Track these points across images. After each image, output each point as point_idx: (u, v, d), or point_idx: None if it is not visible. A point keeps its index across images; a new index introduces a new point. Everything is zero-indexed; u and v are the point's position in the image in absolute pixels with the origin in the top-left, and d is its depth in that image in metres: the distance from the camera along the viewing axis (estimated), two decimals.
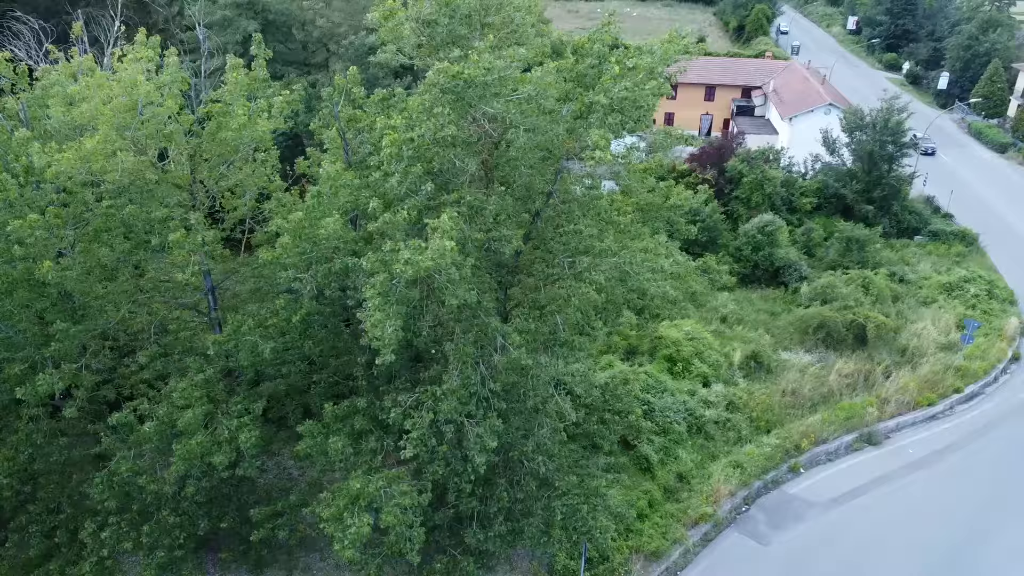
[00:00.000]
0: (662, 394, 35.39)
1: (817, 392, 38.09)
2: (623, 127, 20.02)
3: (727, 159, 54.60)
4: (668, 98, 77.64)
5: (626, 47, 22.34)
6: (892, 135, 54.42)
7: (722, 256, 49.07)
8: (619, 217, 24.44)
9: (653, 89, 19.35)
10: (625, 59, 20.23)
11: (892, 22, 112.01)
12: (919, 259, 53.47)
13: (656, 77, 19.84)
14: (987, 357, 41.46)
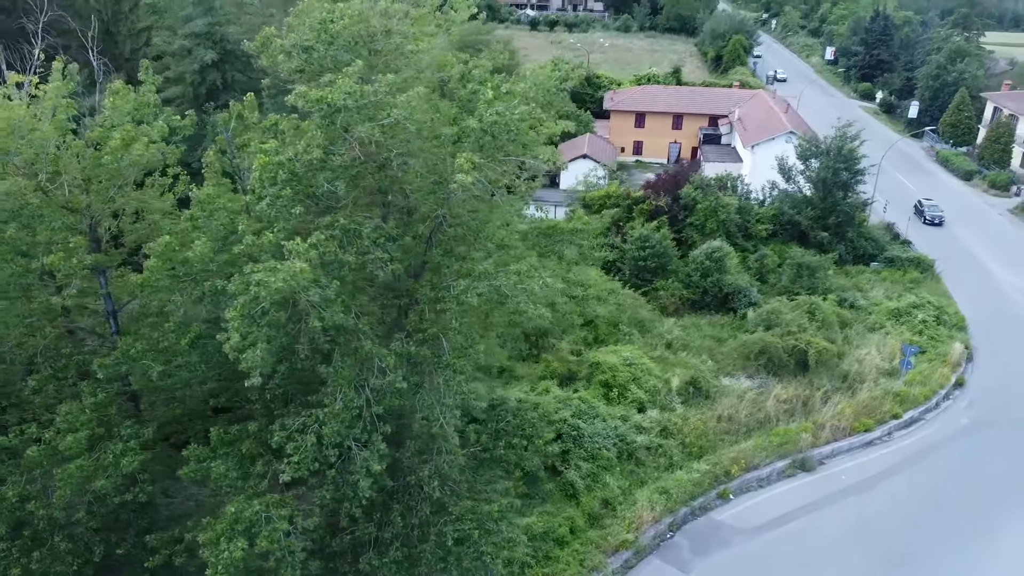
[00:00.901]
0: (593, 420, 35.26)
1: (753, 418, 37.95)
2: (499, 152, 20.14)
3: (682, 186, 54.91)
4: (636, 127, 78.93)
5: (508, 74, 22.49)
6: (845, 162, 54.81)
7: (671, 282, 49.14)
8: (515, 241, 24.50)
9: (523, 115, 19.50)
10: (500, 85, 20.40)
11: (867, 52, 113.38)
12: (873, 285, 53.55)
13: (529, 103, 19.97)
14: (929, 383, 41.36)
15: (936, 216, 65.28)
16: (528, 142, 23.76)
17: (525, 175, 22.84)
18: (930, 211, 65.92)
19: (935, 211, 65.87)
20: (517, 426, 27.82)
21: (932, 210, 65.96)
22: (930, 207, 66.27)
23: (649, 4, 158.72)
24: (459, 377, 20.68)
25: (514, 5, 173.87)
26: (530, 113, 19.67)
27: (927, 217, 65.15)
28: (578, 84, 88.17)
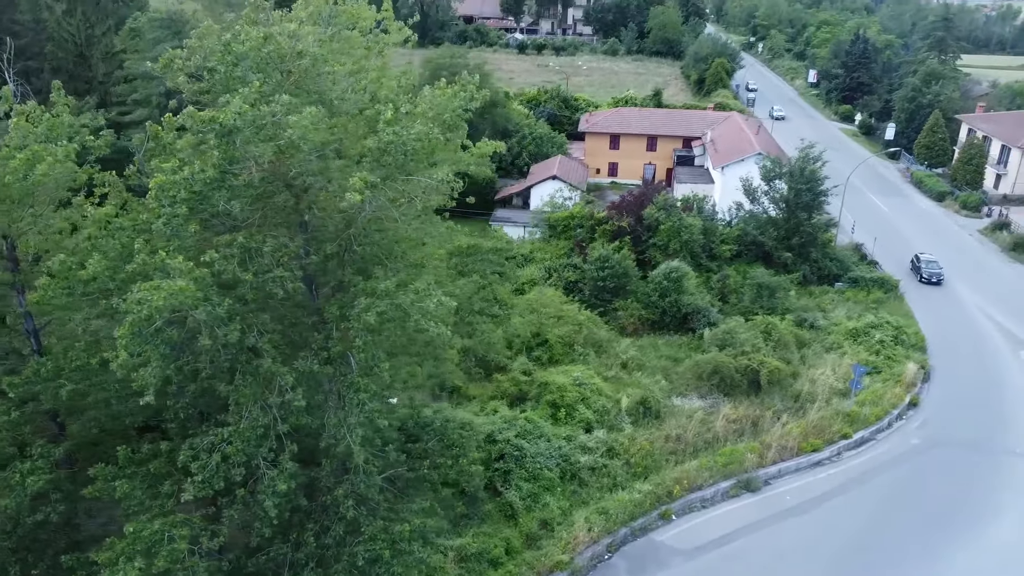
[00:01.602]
0: (537, 440, 35.20)
1: (702, 438, 37.84)
2: (399, 171, 20.32)
3: (646, 207, 55.16)
4: (611, 148, 79.40)
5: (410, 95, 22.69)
6: (807, 183, 55.09)
7: (631, 302, 49.21)
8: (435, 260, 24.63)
9: (419, 135, 19.71)
10: (400, 106, 20.62)
11: (847, 75, 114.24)
12: (836, 305, 53.59)
13: (426, 123, 20.17)
14: (881, 403, 41.27)
15: (934, 274, 57.36)
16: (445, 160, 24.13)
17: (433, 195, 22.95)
18: (927, 268, 57.86)
19: (933, 268, 57.84)
20: (446, 445, 27.83)
21: (930, 267, 57.95)
22: (928, 264, 58.24)
23: (636, 28, 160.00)
24: (362, 395, 20.71)
25: (503, 29, 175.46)
26: (426, 134, 19.87)
27: (924, 275, 57.39)
28: (554, 107, 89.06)
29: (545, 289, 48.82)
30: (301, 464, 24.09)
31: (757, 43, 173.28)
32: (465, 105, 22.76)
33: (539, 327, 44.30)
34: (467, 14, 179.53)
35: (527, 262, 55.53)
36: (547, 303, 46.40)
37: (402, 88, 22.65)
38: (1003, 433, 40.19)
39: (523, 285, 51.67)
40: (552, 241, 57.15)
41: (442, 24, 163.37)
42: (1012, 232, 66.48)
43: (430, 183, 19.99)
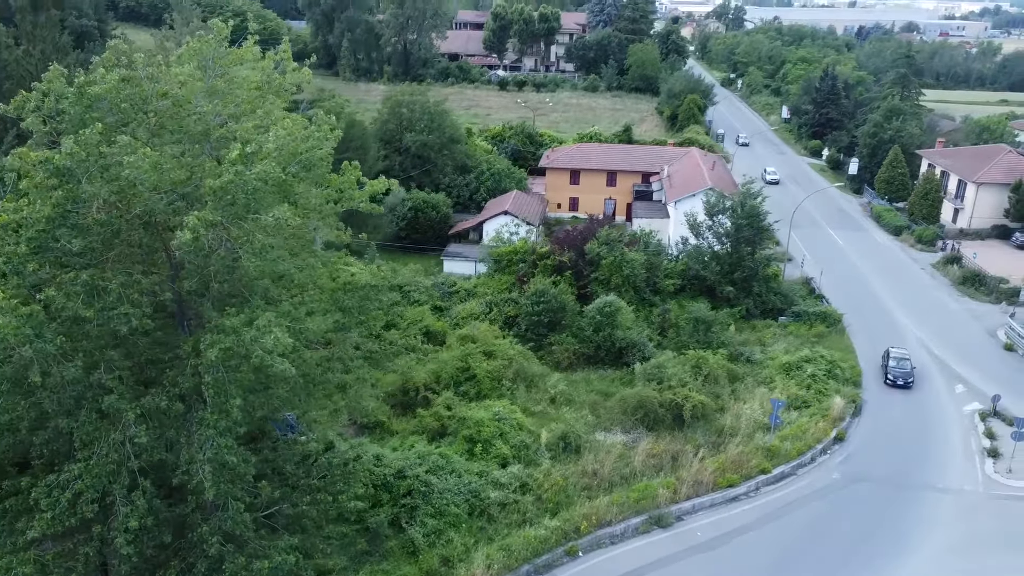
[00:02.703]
0: (448, 475, 35.17)
1: (619, 473, 37.76)
2: (245, 210, 20.64)
3: (588, 241, 55.56)
4: (572, 183, 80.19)
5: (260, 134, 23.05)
6: (748, 218, 55.56)
7: (566, 337, 49.37)
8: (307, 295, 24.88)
9: (259, 174, 20.08)
10: (247, 145, 21.02)
11: (816, 111, 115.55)
12: (777, 339, 53.75)
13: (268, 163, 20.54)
14: (805, 437, 41.23)
15: (902, 375, 46.96)
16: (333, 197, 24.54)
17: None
18: (897, 368, 47.40)
19: (901, 368, 47.34)
20: (330, 481, 27.81)
21: (898, 367, 47.44)
22: (899, 362, 47.87)
23: (616, 65, 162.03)
24: (209, 431, 20.83)
25: (487, 66, 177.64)
26: (267, 173, 20.22)
27: (890, 376, 47.21)
28: (518, 142, 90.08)
29: (479, 324, 49.03)
30: (170, 501, 24.19)
31: (736, 80, 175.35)
32: (318, 145, 23.15)
33: (467, 362, 44.45)
34: (453, 51, 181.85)
35: (470, 296, 55.80)
36: (479, 338, 46.59)
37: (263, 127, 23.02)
38: (925, 467, 40.11)
39: (461, 320, 51.91)
40: (496, 276, 57.47)
41: (424, 61, 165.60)
42: (962, 266, 66.79)
43: (271, 221, 20.20)
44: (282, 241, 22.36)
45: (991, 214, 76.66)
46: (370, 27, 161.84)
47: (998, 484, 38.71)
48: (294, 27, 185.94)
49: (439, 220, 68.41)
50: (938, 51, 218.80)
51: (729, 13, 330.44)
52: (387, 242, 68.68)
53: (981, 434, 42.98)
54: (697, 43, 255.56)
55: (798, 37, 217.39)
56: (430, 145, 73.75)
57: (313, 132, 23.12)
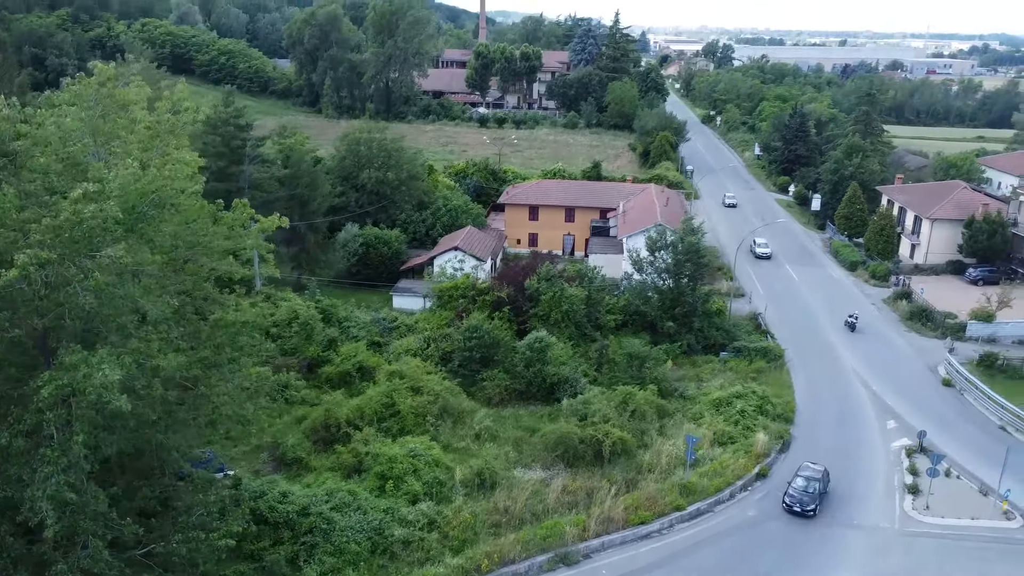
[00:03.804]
0: (352, 512, 34.99)
1: (531, 510, 37.54)
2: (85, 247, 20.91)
3: (528, 277, 55.85)
4: (531, 219, 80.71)
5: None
6: (687, 254, 55.91)
7: (497, 372, 49.40)
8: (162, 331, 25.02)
9: (94, 212, 20.38)
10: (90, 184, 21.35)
11: (786, 147, 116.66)
12: (715, 375, 53.74)
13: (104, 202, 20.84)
14: (724, 474, 41.04)
15: (801, 502, 38.21)
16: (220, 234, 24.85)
17: None
18: (798, 492, 38.51)
19: (805, 492, 38.50)
20: (206, 519, 27.71)
21: (803, 489, 38.61)
22: (806, 481, 39.06)
23: (595, 102, 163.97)
24: (48, 468, 20.87)
25: (470, 104, 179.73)
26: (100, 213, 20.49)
27: (787, 500, 38.41)
28: (481, 179, 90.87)
29: (409, 359, 49.12)
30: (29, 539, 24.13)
31: (715, 117, 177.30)
32: (154, 186, 23.44)
33: (392, 397, 44.46)
34: (437, 89, 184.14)
35: (410, 332, 55.92)
36: (407, 373, 46.63)
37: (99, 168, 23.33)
38: (845, 504, 39.84)
39: (398, 355, 51.95)
40: (438, 311, 57.68)
41: (406, 99, 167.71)
42: (911, 302, 66.97)
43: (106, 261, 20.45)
44: (128, 279, 22.53)
45: (945, 249, 77.03)
46: (352, 65, 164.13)
47: (914, 521, 38.45)
48: (279, 66, 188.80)
49: (391, 256, 68.82)
50: (918, 89, 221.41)
51: (717, 52, 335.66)
52: (339, 279, 69.08)
53: (905, 470, 42.79)
54: (682, 81, 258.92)
55: (780, 75, 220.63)
56: (386, 182, 74.46)
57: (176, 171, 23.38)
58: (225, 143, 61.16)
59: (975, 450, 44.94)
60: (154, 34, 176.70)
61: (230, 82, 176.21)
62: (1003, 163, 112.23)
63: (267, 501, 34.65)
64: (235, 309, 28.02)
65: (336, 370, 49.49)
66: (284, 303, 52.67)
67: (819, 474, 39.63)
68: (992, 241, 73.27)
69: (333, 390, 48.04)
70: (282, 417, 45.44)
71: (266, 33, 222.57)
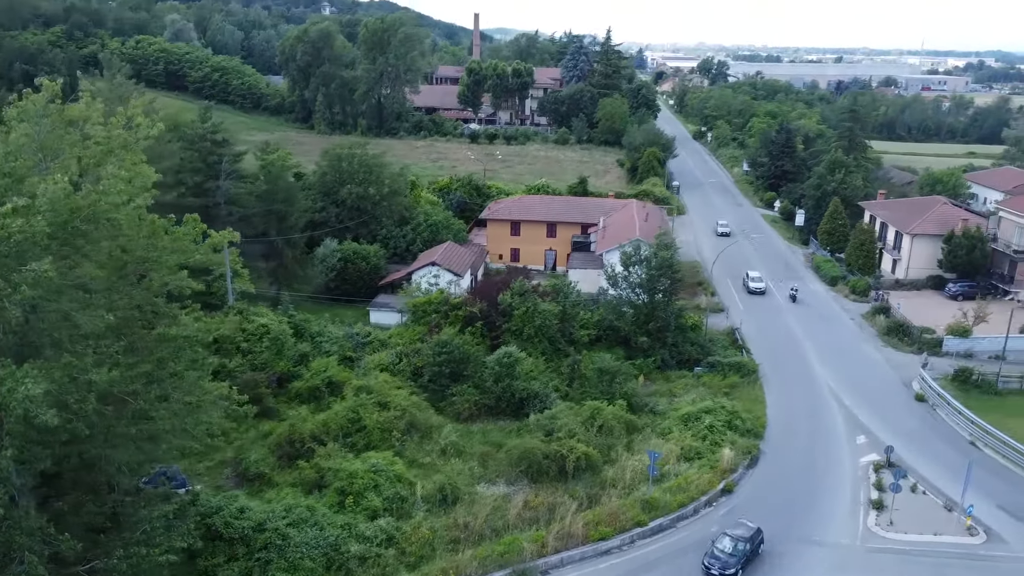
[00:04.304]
0: (309, 528, 34.84)
1: (491, 525, 37.38)
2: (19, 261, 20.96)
3: (502, 292, 55.87)
4: (512, 235, 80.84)
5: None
6: (660, 269, 55.99)
7: (467, 387, 49.31)
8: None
9: (21, 227, 20.45)
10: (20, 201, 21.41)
11: (772, 163, 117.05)
12: (688, 390, 53.65)
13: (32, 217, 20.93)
14: (688, 489, 40.87)
15: (721, 566, 34.75)
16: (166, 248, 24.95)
17: None
18: (715, 557, 35.06)
19: (721, 557, 35.00)
20: (150, 534, 27.58)
21: (722, 555, 35.05)
22: (733, 544, 35.49)
23: (586, 118, 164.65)
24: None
25: (462, 120, 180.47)
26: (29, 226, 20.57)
27: (706, 562, 34.98)
28: (464, 194, 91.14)
29: (378, 374, 49.08)
30: None
31: (706, 133, 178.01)
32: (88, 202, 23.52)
33: (358, 412, 44.38)
34: (431, 105, 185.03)
35: (383, 347, 55.87)
36: (375, 388, 46.57)
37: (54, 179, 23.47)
38: (808, 520, 39.67)
39: (370, 370, 51.88)
40: (412, 326, 57.67)
41: (398, 115, 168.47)
42: (889, 316, 66.96)
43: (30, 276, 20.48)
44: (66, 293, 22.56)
45: (926, 264, 77.12)
46: (344, 82, 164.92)
47: (876, 537, 38.25)
48: (273, 82, 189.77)
49: (369, 271, 68.89)
50: (909, 105, 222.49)
51: (712, 68, 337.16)
52: (318, 294, 69.12)
53: (871, 486, 42.63)
54: (675, 97, 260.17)
55: (772, 91, 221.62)
56: (367, 197, 74.68)
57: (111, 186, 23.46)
58: (202, 158, 61.41)
59: (944, 465, 44.80)
60: (148, 51, 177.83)
61: (223, 98, 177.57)
62: (988, 179, 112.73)
63: (223, 517, 34.54)
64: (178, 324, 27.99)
65: (306, 385, 49.42)
66: (256, 318, 52.68)
67: (750, 533, 36.09)
68: (971, 256, 73.36)
69: (302, 405, 48.01)
70: (248, 432, 45.38)
71: (261, 50, 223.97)
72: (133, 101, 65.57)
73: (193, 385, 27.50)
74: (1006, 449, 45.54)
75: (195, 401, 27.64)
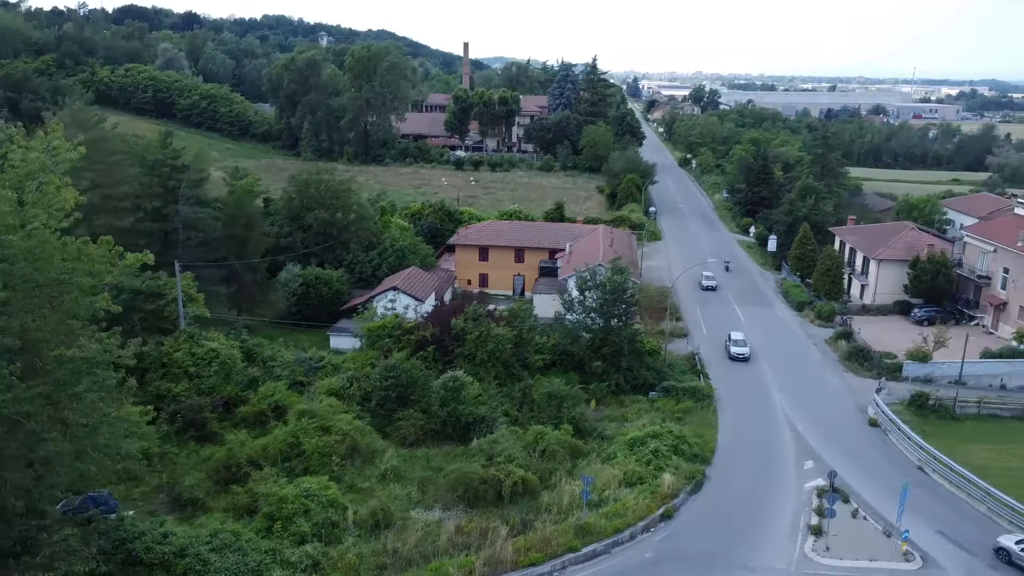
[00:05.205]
0: (231, 553, 34.46)
1: (421, 551, 36.99)
2: None
3: (456, 317, 55.85)
4: (481, 260, 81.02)
5: None
6: (612, 294, 56.01)
7: (413, 412, 49.09)
8: None
9: None
10: None
11: (749, 189, 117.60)
12: (641, 415, 53.37)
13: None
14: (625, 515, 40.49)
15: None
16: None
17: None
18: None
19: None
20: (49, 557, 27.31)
21: None
22: None
23: (571, 145, 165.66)
24: None
25: (449, 147, 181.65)
26: None
27: None
28: (436, 220, 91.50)
29: (324, 398, 48.90)
30: None
31: (691, 160, 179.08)
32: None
33: (298, 437, 44.13)
34: (418, 132, 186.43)
35: (336, 371, 55.69)
36: (318, 412, 46.35)
37: None
38: (745, 545, 39.23)
39: (319, 395, 51.67)
40: (366, 351, 57.55)
41: (384, 142, 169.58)
42: (851, 341, 66.84)
43: None
44: None
45: (893, 290, 77.16)
46: (331, 109, 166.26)
47: (811, 563, 37.82)
48: (264, 110, 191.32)
49: (331, 296, 68.92)
50: (895, 133, 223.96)
51: (704, 97, 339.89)
52: (281, 319, 69.08)
53: (812, 511, 42.27)
54: (665, 125, 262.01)
55: (759, 119, 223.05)
56: (334, 222, 74.96)
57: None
58: (162, 184, 61.75)
59: (889, 490, 44.32)
60: (137, 79, 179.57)
61: (211, 126, 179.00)
62: (963, 205, 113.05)
63: (144, 542, 34.14)
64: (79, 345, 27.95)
65: (252, 410, 49.20)
66: (207, 343, 52.60)
67: None
68: (936, 281, 73.42)
69: (249, 430, 47.76)
70: (190, 457, 45.15)
71: (252, 78, 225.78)
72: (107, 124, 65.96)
73: (92, 407, 27.34)
74: (951, 474, 45.21)
75: (95, 423, 27.49)
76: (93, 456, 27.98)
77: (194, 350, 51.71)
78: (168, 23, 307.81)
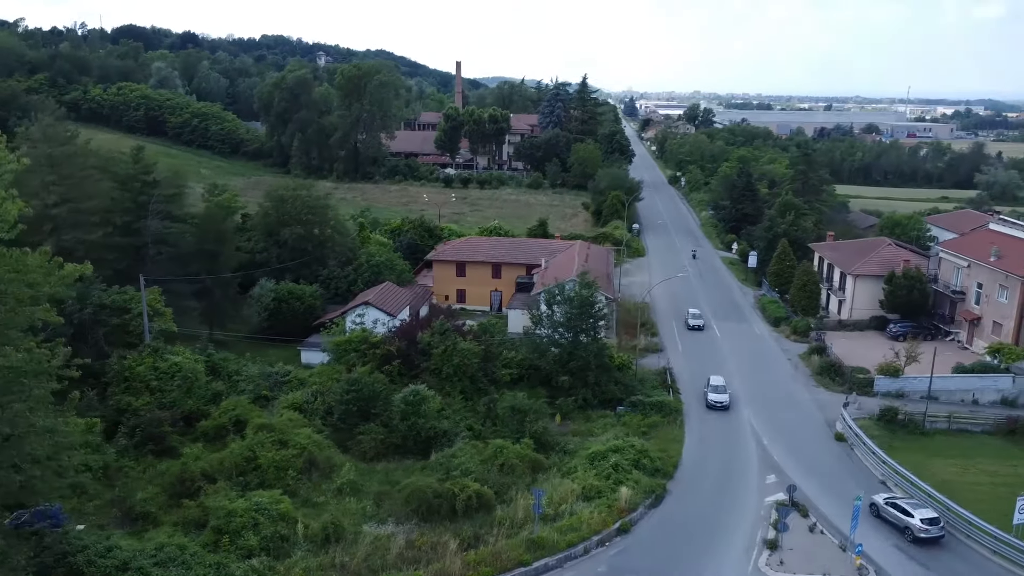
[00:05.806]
0: (176, 568, 34.18)
1: (370, 566, 36.67)
2: None
3: (423, 332, 55.79)
4: (458, 276, 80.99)
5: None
6: (580, 308, 55.96)
7: (374, 426, 48.88)
8: None
9: None
10: None
11: (733, 206, 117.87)
12: (607, 429, 53.12)
13: None
14: (580, 529, 40.18)
15: None
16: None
17: None
18: None
19: None
20: None
21: None
22: None
23: (560, 163, 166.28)
24: None
25: (440, 165, 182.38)
26: None
27: None
28: (415, 236, 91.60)
29: (285, 412, 48.72)
30: None
31: (680, 178, 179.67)
32: None
33: (254, 451, 43.91)
34: (410, 150, 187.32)
35: (302, 386, 55.52)
36: (276, 426, 46.14)
37: None
38: (699, 561, 38.88)
39: (283, 410, 51.46)
40: (333, 365, 57.40)
41: (373, 160, 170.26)
42: (823, 357, 66.68)
43: None
44: None
45: (869, 305, 77.04)
46: (321, 127, 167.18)
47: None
48: (256, 128, 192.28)
49: (304, 311, 68.87)
50: (886, 151, 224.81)
51: (698, 116, 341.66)
52: (253, 334, 68.96)
53: (770, 525, 41.95)
54: (657, 143, 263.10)
55: (750, 137, 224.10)
56: (310, 238, 75.09)
57: None
58: (133, 198, 61.91)
59: (850, 505, 43.62)
60: (129, 97, 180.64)
61: (203, 144, 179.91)
62: (947, 221, 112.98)
63: (87, 555, 33.87)
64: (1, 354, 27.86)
65: (212, 424, 49.00)
66: (170, 356, 52.51)
67: None
68: (911, 297, 73.35)
69: (208, 444, 47.53)
70: (146, 471, 44.90)
71: (246, 97, 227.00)
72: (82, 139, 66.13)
73: (18, 417, 27.22)
74: (913, 489, 44.91)
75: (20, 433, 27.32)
76: (24, 468, 27.73)
77: (157, 364, 51.61)
78: (167, 43, 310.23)
